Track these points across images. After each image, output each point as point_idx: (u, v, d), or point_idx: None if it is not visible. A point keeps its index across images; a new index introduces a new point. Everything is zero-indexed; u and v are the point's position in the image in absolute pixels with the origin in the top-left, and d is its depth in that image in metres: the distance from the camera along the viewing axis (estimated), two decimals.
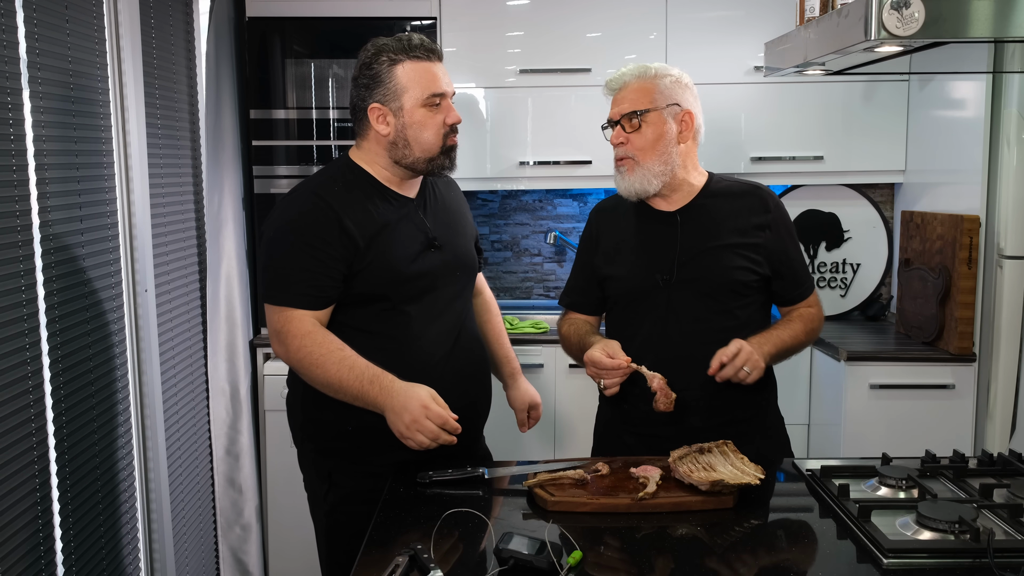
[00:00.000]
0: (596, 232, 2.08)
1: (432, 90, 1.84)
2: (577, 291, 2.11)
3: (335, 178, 1.88)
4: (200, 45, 2.89)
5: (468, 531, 1.49)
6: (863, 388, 2.85)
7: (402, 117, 1.84)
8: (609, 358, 1.83)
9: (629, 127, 1.92)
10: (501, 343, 2.18)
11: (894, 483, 1.64)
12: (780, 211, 1.98)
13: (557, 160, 3.15)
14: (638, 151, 1.92)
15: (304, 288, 1.79)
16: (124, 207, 2.32)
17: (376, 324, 1.85)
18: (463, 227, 2.02)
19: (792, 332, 1.93)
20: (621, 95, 1.96)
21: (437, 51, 1.88)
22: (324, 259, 1.78)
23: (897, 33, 1.38)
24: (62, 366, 1.97)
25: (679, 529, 1.50)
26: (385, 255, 1.82)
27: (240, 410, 2.96)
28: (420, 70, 1.84)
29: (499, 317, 2.21)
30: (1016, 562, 1.32)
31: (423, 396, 1.68)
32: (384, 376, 1.73)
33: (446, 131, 1.87)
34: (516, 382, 2.17)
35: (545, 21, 3.10)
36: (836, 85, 3.11)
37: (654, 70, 1.94)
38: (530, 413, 2.16)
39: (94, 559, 2.10)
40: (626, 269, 1.97)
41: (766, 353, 1.84)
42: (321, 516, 1.95)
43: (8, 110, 1.76)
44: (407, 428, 1.68)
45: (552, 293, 3.60)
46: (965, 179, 2.82)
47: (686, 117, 1.92)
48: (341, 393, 1.76)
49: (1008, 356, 2.70)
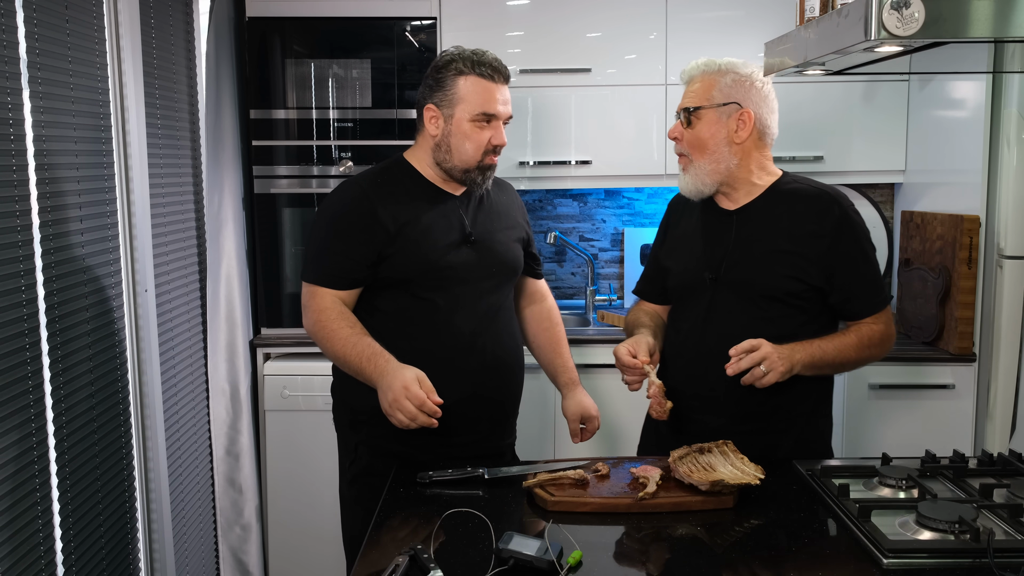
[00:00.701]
0: (667, 224, 2.10)
1: (485, 109, 1.96)
2: (646, 280, 2.13)
3: (383, 170, 2.04)
4: (200, 45, 2.89)
5: (468, 531, 1.49)
6: (863, 388, 2.85)
7: (451, 124, 1.96)
8: (631, 357, 1.84)
9: (684, 122, 1.92)
10: (559, 352, 2.23)
11: (894, 483, 1.64)
12: (845, 220, 1.86)
13: (557, 160, 3.15)
14: (691, 148, 1.91)
15: (330, 268, 1.95)
16: (124, 207, 2.32)
17: (404, 309, 1.97)
18: (509, 228, 2.10)
19: (839, 345, 1.83)
20: (687, 89, 1.94)
21: (504, 73, 2.00)
22: (352, 244, 1.93)
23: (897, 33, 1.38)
24: (62, 366, 1.97)
25: (679, 529, 1.50)
26: (416, 243, 1.94)
27: (240, 410, 2.96)
28: (481, 87, 1.96)
29: (560, 326, 2.26)
30: (1016, 562, 1.32)
31: (407, 377, 1.77)
32: (381, 355, 1.85)
33: (488, 149, 1.98)
34: (572, 392, 2.19)
35: (545, 21, 3.10)
36: (836, 85, 3.11)
37: (719, 66, 1.91)
38: (585, 425, 2.16)
39: (94, 559, 2.10)
40: (681, 263, 1.98)
41: (797, 360, 1.76)
42: (344, 486, 2.08)
43: (8, 110, 1.76)
44: (389, 406, 1.78)
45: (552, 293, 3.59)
46: (965, 179, 2.82)
47: (744, 117, 1.87)
48: (345, 367, 1.91)
49: (1008, 356, 2.70)
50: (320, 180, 3.06)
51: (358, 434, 2.02)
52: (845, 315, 1.91)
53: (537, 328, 2.23)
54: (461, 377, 1.96)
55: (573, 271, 3.59)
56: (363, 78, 3.04)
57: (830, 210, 1.86)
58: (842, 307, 1.89)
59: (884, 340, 1.89)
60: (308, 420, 2.99)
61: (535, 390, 2.39)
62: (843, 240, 1.85)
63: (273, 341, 3.06)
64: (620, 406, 2.92)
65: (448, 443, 1.93)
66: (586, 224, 3.56)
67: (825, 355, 1.81)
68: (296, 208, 3.07)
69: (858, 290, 1.87)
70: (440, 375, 1.88)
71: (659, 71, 3.09)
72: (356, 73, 3.05)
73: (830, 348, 1.82)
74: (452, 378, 1.93)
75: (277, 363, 3.03)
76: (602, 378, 2.95)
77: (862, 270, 1.87)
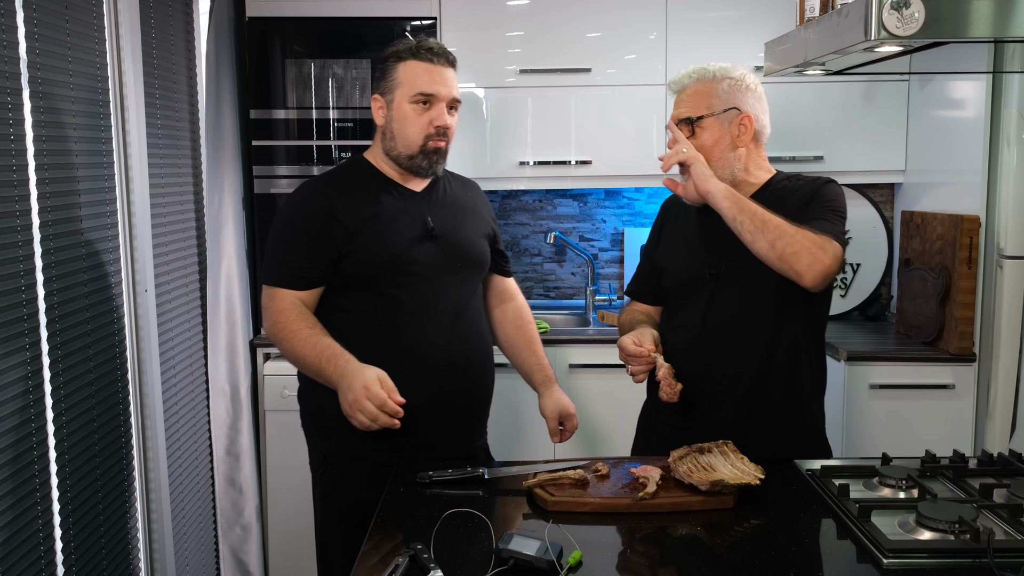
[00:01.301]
0: (660, 224, 2.10)
1: (421, 88, 1.93)
2: (639, 280, 2.12)
3: (341, 170, 2.03)
4: (200, 45, 2.89)
5: (468, 531, 1.49)
6: (863, 388, 2.85)
7: (392, 110, 1.95)
8: (636, 346, 1.85)
9: (686, 132, 1.90)
10: (533, 350, 2.18)
11: (894, 483, 1.64)
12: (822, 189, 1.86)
13: (557, 160, 3.15)
14: None
15: (288, 270, 1.92)
16: (124, 207, 2.32)
17: (366, 307, 1.93)
18: (473, 223, 2.07)
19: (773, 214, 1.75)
20: (680, 97, 1.94)
21: (444, 55, 1.98)
22: (310, 244, 1.90)
23: (897, 33, 1.38)
24: (62, 366, 1.97)
25: (679, 529, 1.50)
26: (377, 239, 1.91)
27: (240, 410, 2.96)
28: (418, 68, 1.94)
29: (532, 325, 2.21)
30: (1016, 562, 1.32)
31: (368, 377, 1.75)
32: (341, 355, 1.82)
33: (430, 132, 1.94)
34: (549, 390, 2.14)
35: (545, 21, 3.10)
36: (836, 85, 3.11)
37: (712, 73, 1.91)
38: (564, 424, 2.12)
39: (94, 559, 2.10)
40: (679, 261, 1.98)
41: (728, 188, 1.78)
42: (317, 496, 2.04)
43: (8, 110, 1.76)
44: (349, 407, 1.76)
45: (552, 293, 3.60)
46: (965, 179, 2.82)
47: (744, 121, 1.89)
48: (305, 368, 1.89)
49: (1008, 356, 2.70)
50: None
51: (327, 442, 1.98)
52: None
53: (509, 327, 2.18)
54: (428, 378, 1.92)
55: (573, 271, 3.59)
56: (363, 78, 3.04)
57: (813, 188, 1.87)
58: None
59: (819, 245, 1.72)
60: None
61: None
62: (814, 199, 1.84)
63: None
64: (611, 407, 2.93)
65: (416, 446, 1.90)
66: (586, 224, 3.56)
67: (748, 201, 1.77)
68: None
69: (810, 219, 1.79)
70: (406, 376, 1.84)
71: (659, 71, 3.09)
72: (356, 73, 3.05)
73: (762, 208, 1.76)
74: (419, 379, 1.90)
75: (277, 363, 3.03)
76: (601, 378, 2.95)
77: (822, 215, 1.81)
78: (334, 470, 1.97)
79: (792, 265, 1.72)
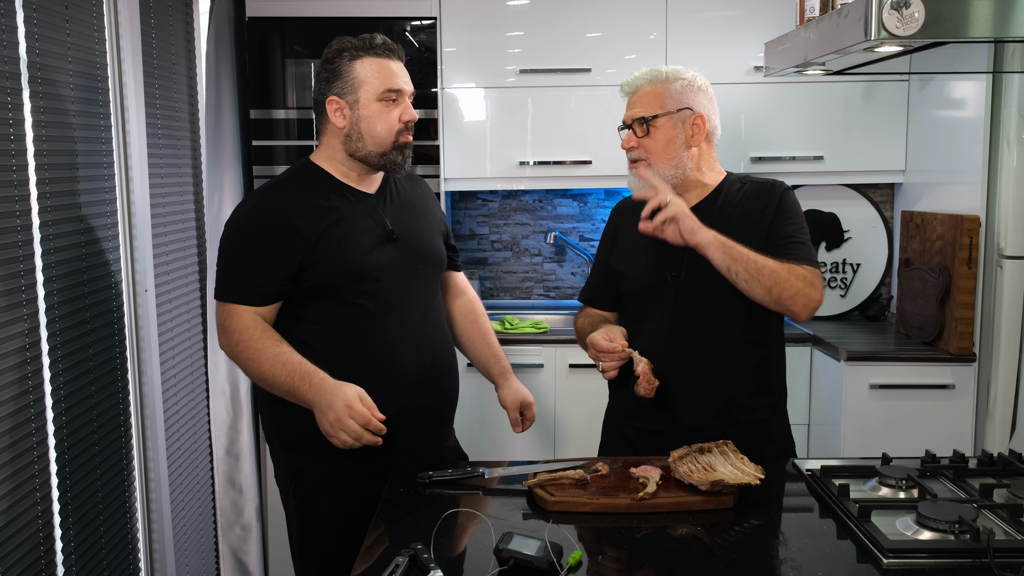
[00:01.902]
0: (614, 229, 2.09)
1: (388, 85, 1.89)
2: (594, 287, 2.12)
3: (291, 177, 1.94)
4: (200, 45, 2.89)
5: (468, 531, 1.49)
6: (863, 388, 2.85)
7: (358, 110, 1.89)
8: (608, 342, 1.84)
9: (640, 132, 1.93)
10: (488, 343, 2.17)
11: (894, 483, 1.64)
12: (784, 199, 1.91)
13: (557, 160, 3.15)
14: (649, 155, 1.92)
15: (245, 285, 1.84)
16: (124, 207, 2.32)
17: (334, 317, 1.88)
18: (428, 222, 2.04)
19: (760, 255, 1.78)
20: (634, 99, 1.96)
21: (397, 50, 1.93)
22: (268, 257, 1.83)
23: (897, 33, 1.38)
24: (62, 366, 1.97)
25: (679, 529, 1.50)
26: (338, 247, 1.85)
27: (240, 410, 2.96)
28: (378, 66, 1.89)
29: (485, 317, 2.19)
30: (1016, 562, 1.32)
31: (348, 395, 1.70)
32: (315, 374, 1.76)
33: (400, 128, 1.91)
34: (506, 381, 2.14)
35: (545, 21, 3.10)
36: (836, 85, 3.11)
37: (665, 74, 1.94)
38: (524, 414, 2.13)
39: (94, 559, 2.10)
40: (639, 266, 1.98)
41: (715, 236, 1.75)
42: (291, 511, 1.99)
43: (8, 110, 1.76)
44: (331, 426, 1.71)
45: (552, 293, 3.60)
46: (965, 179, 2.82)
47: (697, 121, 1.91)
48: (275, 388, 1.81)
49: (1008, 356, 2.70)
50: None
51: (298, 457, 1.93)
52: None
53: (464, 321, 2.16)
54: (400, 384, 1.88)
55: (573, 271, 3.59)
56: None
57: (771, 194, 1.91)
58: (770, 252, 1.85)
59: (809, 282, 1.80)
60: None
61: (533, 389, 2.39)
62: (779, 216, 1.89)
63: None
64: None
65: (391, 452, 1.84)
66: (586, 224, 3.56)
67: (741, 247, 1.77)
68: None
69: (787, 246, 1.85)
70: (379, 383, 1.82)
71: None
72: None
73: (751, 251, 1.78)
74: (391, 386, 1.86)
75: None
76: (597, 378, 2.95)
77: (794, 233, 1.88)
78: (308, 483, 1.93)
79: (788, 307, 1.80)
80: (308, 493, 1.93)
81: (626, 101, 1.99)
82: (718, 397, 1.90)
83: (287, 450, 1.95)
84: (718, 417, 1.90)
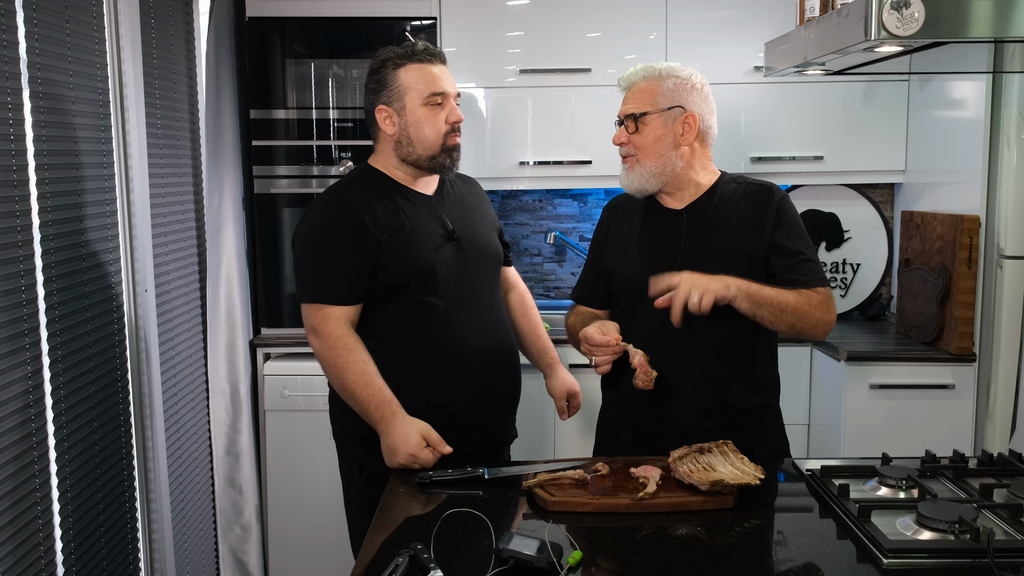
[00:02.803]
0: (606, 228, 2.09)
1: (432, 89, 1.95)
2: (586, 285, 2.12)
3: (353, 181, 2.01)
4: (200, 45, 2.89)
5: (468, 531, 1.49)
6: (863, 388, 2.85)
7: (405, 116, 1.96)
8: (602, 335, 1.84)
9: (630, 128, 1.93)
10: (538, 334, 2.27)
11: (894, 483, 1.64)
12: (784, 207, 1.92)
13: (557, 160, 3.15)
14: (638, 150, 1.93)
15: (335, 285, 1.90)
16: (124, 207, 2.32)
17: (403, 315, 1.95)
18: (483, 220, 2.11)
19: (779, 292, 1.81)
20: (627, 95, 1.97)
21: (439, 55, 1.99)
22: (352, 256, 1.90)
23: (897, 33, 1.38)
24: (62, 366, 1.97)
25: (679, 529, 1.50)
26: (406, 248, 1.92)
27: (240, 410, 2.96)
28: (421, 71, 1.96)
29: (535, 310, 2.29)
30: (1016, 562, 1.32)
31: (413, 444, 1.81)
32: (389, 405, 1.85)
33: (447, 130, 1.98)
34: (554, 371, 2.24)
35: (545, 21, 3.10)
36: (836, 85, 3.11)
37: (659, 71, 1.93)
38: (570, 402, 2.23)
39: (94, 559, 2.10)
40: (631, 265, 1.97)
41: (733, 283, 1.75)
42: (355, 494, 2.04)
43: (8, 110, 1.76)
44: (391, 463, 1.83)
45: (552, 293, 3.60)
46: (965, 179, 2.82)
47: (688, 120, 1.91)
48: (351, 402, 1.90)
49: (1008, 356, 2.70)
50: (320, 180, 3.06)
51: (365, 444, 1.99)
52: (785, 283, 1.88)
53: (515, 314, 2.25)
54: (470, 377, 1.97)
55: (573, 271, 3.59)
56: (363, 78, 3.02)
57: (772, 200, 1.92)
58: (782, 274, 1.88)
59: (821, 309, 1.84)
60: (308, 420, 2.99)
61: (532, 389, 2.39)
62: (782, 224, 1.90)
63: (273, 341, 3.06)
64: None
65: (457, 444, 1.89)
66: (586, 224, 3.56)
67: (763, 292, 1.79)
68: (296, 208, 3.07)
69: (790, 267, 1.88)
70: (449, 378, 1.92)
71: None
72: (356, 73, 3.05)
73: (770, 291, 1.80)
74: (460, 381, 1.95)
75: (277, 363, 3.03)
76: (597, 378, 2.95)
77: (801, 249, 1.90)
78: (376, 464, 1.96)
79: (808, 335, 1.88)
80: (374, 474, 1.97)
81: (622, 96, 1.99)
82: (710, 397, 1.90)
83: (353, 440, 2.02)
84: (710, 417, 1.90)
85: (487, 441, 2.04)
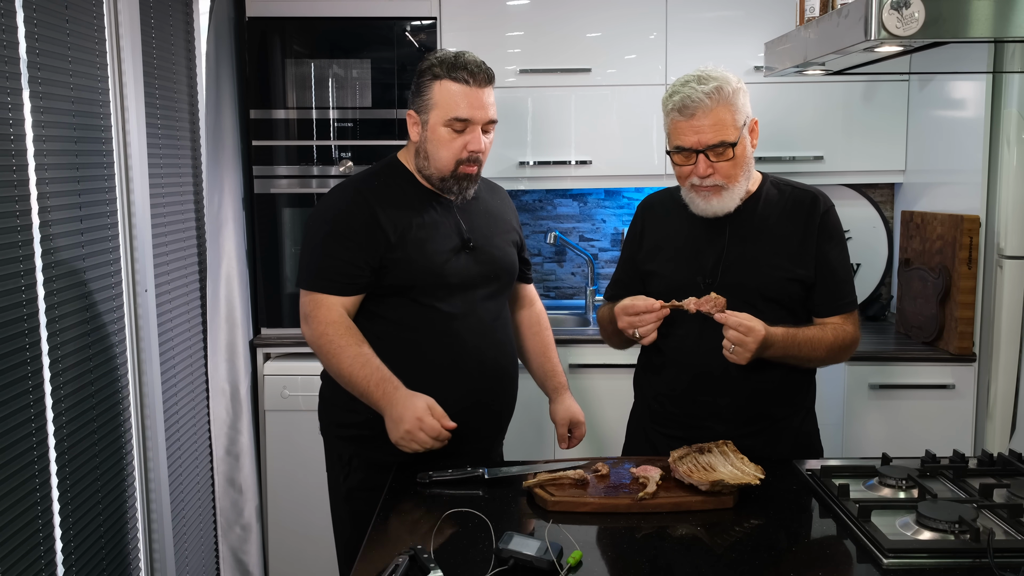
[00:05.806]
0: (641, 227, 2.03)
1: (455, 114, 1.88)
2: (620, 284, 2.06)
3: (377, 173, 1.99)
4: (200, 45, 2.89)
5: (468, 531, 1.49)
6: (863, 388, 2.85)
7: (426, 131, 1.92)
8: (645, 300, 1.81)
9: (714, 156, 1.80)
10: (548, 356, 2.21)
11: (894, 483, 1.64)
12: (827, 219, 1.89)
13: (557, 160, 3.15)
14: (727, 179, 1.83)
15: (333, 275, 1.89)
16: (124, 207, 2.32)
17: (406, 316, 1.93)
18: (503, 232, 2.08)
19: (812, 335, 1.83)
20: (701, 123, 1.79)
21: (484, 75, 1.90)
22: (355, 249, 1.88)
23: (897, 33, 1.38)
24: (62, 366, 1.97)
25: (679, 529, 1.50)
26: (417, 250, 1.90)
27: (240, 410, 2.96)
28: (453, 92, 1.88)
29: (549, 331, 2.24)
30: (1016, 562, 1.32)
31: (419, 408, 1.76)
32: (390, 381, 1.82)
33: (463, 158, 1.91)
34: (560, 396, 2.17)
35: (545, 21, 3.10)
36: (836, 85, 3.11)
37: (726, 90, 1.79)
38: (572, 431, 2.15)
39: (94, 559, 2.10)
40: (669, 268, 1.94)
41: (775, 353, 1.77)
42: (340, 500, 2.03)
43: (8, 110, 1.76)
44: (402, 438, 1.77)
45: (552, 293, 3.60)
46: (965, 179, 2.82)
47: (754, 126, 1.87)
48: (350, 386, 1.86)
49: (1008, 356, 2.70)
50: (320, 180, 3.06)
51: (350, 446, 1.99)
52: (821, 312, 1.91)
53: (528, 332, 2.21)
54: (465, 385, 1.94)
55: (573, 271, 3.59)
56: (363, 78, 3.04)
57: (818, 209, 1.89)
58: (822, 302, 1.90)
59: (852, 344, 1.90)
60: (308, 420, 2.98)
61: (533, 389, 2.39)
62: (829, 238, 1.89)
63: (273, 341, 3.06)
64: (611, 407, 2.92)
65: (447, 452, 1.87)
66: (586, 224, 3.56)
67: (796, 340, 1.82)
68: (296, 208, 3.07)
69: (839, 289, 1.90)
70: (445, 383, 1.90)
71: (659, 71, 3.09)
72: (356, 73, 3.05)
73: (803, 338, 1.83)
74: (455, 387, 1.92)
75: (277, 363, 3.03)
76: (602, 378, 2.95)
77: (840, 269, 1.90)
78: (359, 472, 1.97)
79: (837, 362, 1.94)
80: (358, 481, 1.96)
81: (680, 121, 1.82)
82: (747, 403, 1.87)
83: (341, 440, 2.01)
84: (747, 425, 1.87)
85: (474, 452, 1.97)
